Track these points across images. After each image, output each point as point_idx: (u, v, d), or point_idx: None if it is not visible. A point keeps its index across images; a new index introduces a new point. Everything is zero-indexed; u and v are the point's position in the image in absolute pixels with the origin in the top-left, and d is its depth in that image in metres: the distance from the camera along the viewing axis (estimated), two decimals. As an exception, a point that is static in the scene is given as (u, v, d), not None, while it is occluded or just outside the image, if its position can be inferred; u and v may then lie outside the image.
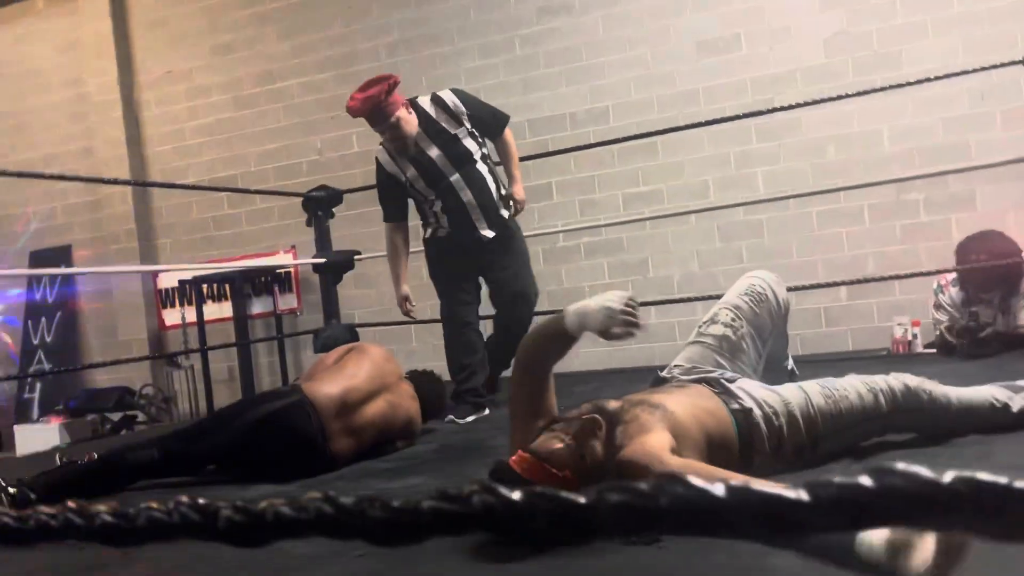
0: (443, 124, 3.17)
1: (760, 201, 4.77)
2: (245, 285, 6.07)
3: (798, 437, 1.70)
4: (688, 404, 1.64)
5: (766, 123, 4.82)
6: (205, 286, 6.19)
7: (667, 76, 5.20)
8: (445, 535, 0.40)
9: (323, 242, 4.05)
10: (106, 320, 6.64)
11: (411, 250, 3.67)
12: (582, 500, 0.38)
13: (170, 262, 6.43)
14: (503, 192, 3.31)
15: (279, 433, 2.19)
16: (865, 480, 0.32)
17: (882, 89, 3.92)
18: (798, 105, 3.96)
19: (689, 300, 4.51)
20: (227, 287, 6.17)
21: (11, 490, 2.02)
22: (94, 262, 6.60)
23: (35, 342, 6.77)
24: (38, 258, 6.79)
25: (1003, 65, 3.36)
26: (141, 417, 6.10)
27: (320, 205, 3.96)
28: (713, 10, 5.11)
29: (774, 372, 2.07)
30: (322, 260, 3.96)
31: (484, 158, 3.27)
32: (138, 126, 6.57)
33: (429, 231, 3.42)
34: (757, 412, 1.68)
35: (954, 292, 3.54)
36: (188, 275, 6.14)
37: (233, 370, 6.21)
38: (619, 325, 1.62)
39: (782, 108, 4.16)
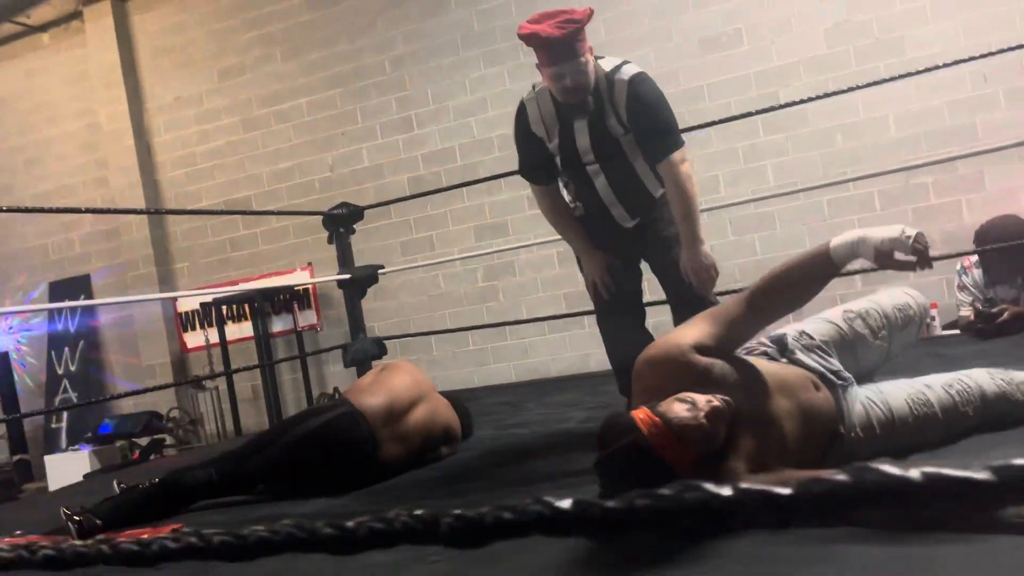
0: (604, 105, 2.45)
1: (771, 196, 4.82)
2: (265, 304, 6.14)
3: (876, 444, 1.70)
4: (798, 413, 1.61)
5: (773, 116, 4.84)
6: (225, 307, 6.27)
7: (671, 74, 5.25)
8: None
9: (346, 258, 4.11)
10: (129, 346, 6.72)
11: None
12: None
13: (188, 285, 6.51)
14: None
15: (331, 443, 2.24)
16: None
17: (888, 80, 3.96)
18: (804, 100, 4.01)
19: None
20: (247, 307, 6.24)
21: (77, 518, 2.09)
22: (113, 290, 6.68)
23: (59, 371, 6.85)
24: (58, 288, 6.88)
25: (1008, 49, 3.40)
26: (169, 440, 6.17)
27: (341, 222, 4.03)
28: (714, 6, 5.17)
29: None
30: (347, 276, 4.02)
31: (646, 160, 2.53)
32: (150, 153, 6.65)
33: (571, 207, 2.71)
34: (857, 426, 1.71)
35: (977, 274, 3.61)
36: (208, 297, 6.21)
37: (257, 389, 6.29)
38: (907, 250, 1.59)
39: (788, 104, 4.17)
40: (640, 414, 1.47)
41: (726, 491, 0.43)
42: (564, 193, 2.67)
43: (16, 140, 7.08)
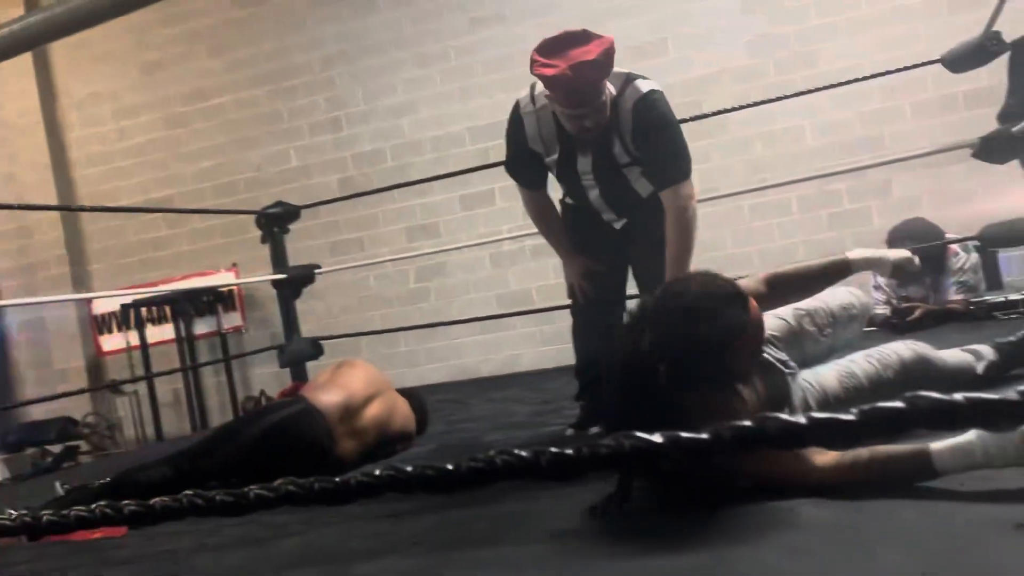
0: (610, 146, 2.33)
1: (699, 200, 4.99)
2: (187, 306, 5.99)
3: None
4: (763, 390, 1.77)
5: (696, 123, 5.04)
6: (145, 309, 6.08)
7: (600, 81, 5.39)
8: None
9: (279, 258, 4.06)
10: (39, 349, 6.44)
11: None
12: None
13: (105, 287, 6.28)
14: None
15: (289, 439, 2.24)
16: None
17: (804, 93, 4.15)
18: (731, 109, 4.18)
19: (634, 297, 4.70)
20: (168, 309, 6.08)
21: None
22: (22, 292, 6.39)
23: (-38, 377, 6.50)
24: (-39, 290, 6.53)
25: (915, 66, 3.64)
26: (85, 447, 5.94)
27: (277, 221, 3.98)
28: (641, 16, 5.33)
29: None
30: (283, 276, 3.98)
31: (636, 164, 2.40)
32: (63, 149, 6.40)
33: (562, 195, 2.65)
34: (798, 408, 1.85)
35: (891, 273, 3.86)
36: (128, 299, 6.02)
37: (179, 393, 6.12)
38: (915, 269, 2.04)
39: (714, 113, 4.35)
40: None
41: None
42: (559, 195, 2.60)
43: (-87, 133, 6.70)
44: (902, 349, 2.02)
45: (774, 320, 2.02)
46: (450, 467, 0.71)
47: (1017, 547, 1.02)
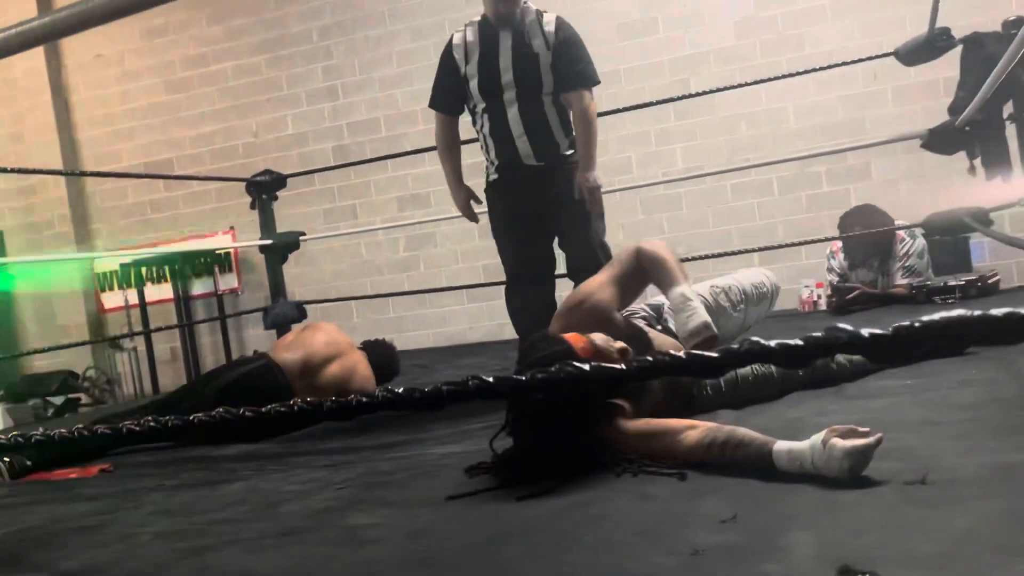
0: (532, 34, 2.77)
1: (679, 180, 5.11)
2: (185, 267, 6.18)
3: (723, 400, 2.02)
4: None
5: (683, 102, 5.15)
6: (145, 269, 6.27)
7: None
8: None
9: (268, 224, 4.22)
10: (43, 305, 6.65)
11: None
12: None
13: (106, 246, 6.47)
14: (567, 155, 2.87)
15: (249, 393, 2.39)
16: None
17: (790, 75, 4.24)
18: (717, 90, 4.25)
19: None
20: (167, 269, 6.26)
21: (6, 459, 2.20)
22: (28, 249, 6.59)
23: (-31, 330, 6.73)
24: (-32, 245, 6.74)
25: (877, 56, 3.74)
26: (85, 400, 6.17)
27: (264, 188, 4.14)
28: (632, -5, 5.41)
29: None
30: (269, 242, 4.14)
31: (555, 92, 2.82)
32: (68, 110, 6.56)
33: (486, 174, 3.02)
34: (708, 385, 2.00)
35: (841, 257, 4.00)
36: (128, 258, 6.21)
37: (176, 351, 6.33)
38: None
39: (701, 93, 4.41)
40: (570, 336, 1.72)
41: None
42: (480, 138, 2.95)
43: (-76, 91, 6.87)
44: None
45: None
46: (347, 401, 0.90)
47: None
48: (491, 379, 1.03)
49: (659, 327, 2.12)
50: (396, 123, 5.86)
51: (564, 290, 2.96)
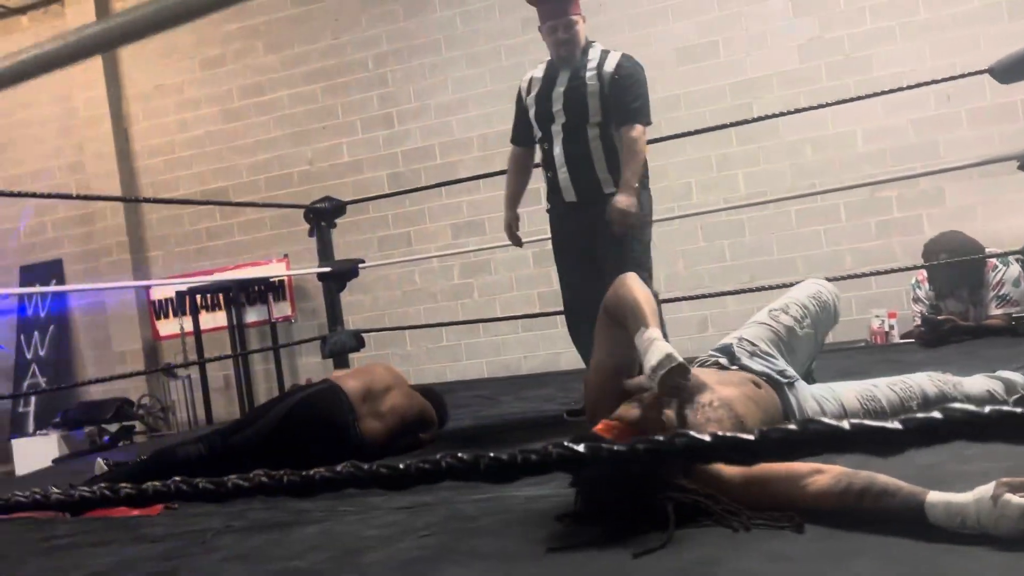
0: (589, 69, 2.84)
1: (742, 206, 4.97)
2: (240, 295, 6.18)
3: None
4: (752, 406, 1.73)
5: (746, 127, 5.02)
6: (200, 296, 6.29)
7: (648, 83, 5.37)
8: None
9: (326, 252, 4.18)
10: (100, 332, 6.71)
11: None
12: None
13: (162, 273, 6.51)
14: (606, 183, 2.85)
15: (313, 415, 2.37)
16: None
17: (857, 99, 4.10)
18: (779, 115, 4.14)
19: (675, 300, 4.70)
20: (221, 297, 6.27)
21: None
22: (85, 276, 6.66)
23: (28, 356, 6.81)
24: (29, 272, 6.83)
25: (972, 74, 3.57)
26: (139, 428, 6.17)
27: (323, 216, 4.09)
28: (692, 18, 5.31)
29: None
30: (328, 269, 4.09)
31: (603, 127, 2.84)
32: (127, 140, 6.64)
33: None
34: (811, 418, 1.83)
35: (927, 287, 3.80)
36: (183, 286, 6.23)
37: (229, 379, 6.32)
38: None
39: (765, 117, 4.32)
40: (600, 427, 1.59)
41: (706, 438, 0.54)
42: (539, 158, 3.03)
43: (-9, 122, 7.03)
44: (926, 383, 1.99)
45: (757, 328, 2.04)
46: (401, 467, 0.76)
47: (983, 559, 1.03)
48: (580, 448, 0.87)
49: (735, 367, 1.96)
50: (451, 150, 5.82)
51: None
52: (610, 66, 2.85)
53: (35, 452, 5.92)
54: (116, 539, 1.83)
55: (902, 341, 4.38)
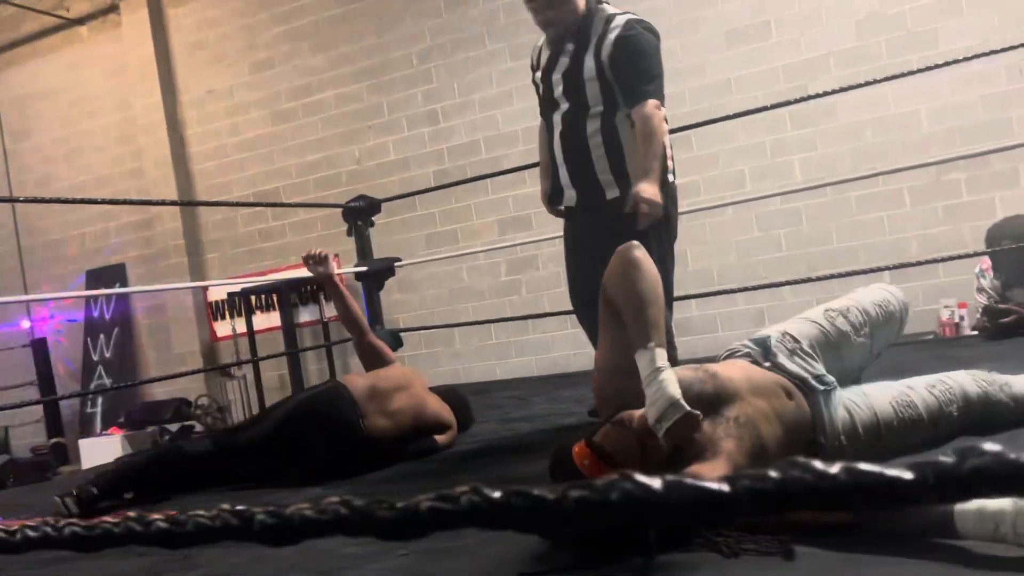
0: (588, 49, 2.49)
1: (798, 191, 4.73)
2: (292, 295, 6.22)
3: (861, 450, 1.65)
4: (776, 427, 1.57)
5: (801, 110, 4.77)
6: (253, 297, 6.36)
7: (698, 68, 5.19)
8: (441, 530, 0.44)
9: (364, 251, 4.14)
10: (160, 334, 6.86)
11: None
12: (550, 496, 0.42)
13: (218, 275, 6.61)
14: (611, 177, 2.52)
15: (318, 412, 2.36)
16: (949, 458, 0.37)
17: (920, 71, 3.85)
18: (833, 92, 3.92)
19: (729, 292, 4.51)
20: (275, 297, 6.32)
21: (73, 491, 2.18)
22: (147, 279, 6.82)
23: (95, 358, 7.02)
24: (94, 276, 7.04)
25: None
26: (198, 427, 6.28)
27: (359, 215, 4.05)
28: (741, -1, 5.09)
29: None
30: (363, 268, 4.05)
31: (604, 118, 2.51)
32: (183, 145, 6.77)
33: None
34: (841, 432, 1.66)
35: (991, 276, 3.52)
36: (237, 287, 6.31)
37: (284, 378, 6.37)
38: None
39: (816, 96, 4.10)
40: (577, 447, 1.49)
41: (656, 484, 0.42)
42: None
43: (58, 132, 7.26)
44: (968, 383, 1.79)
45: (806, 325, 1.84)
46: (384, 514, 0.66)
47: None
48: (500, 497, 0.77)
49: (767, 363, 1.79)
50: (496, 144, 5.73)
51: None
52: (610, 40, 2.45)
53: (101, 452, 6.08)
54: (105, 552, 1.79)
55: (973, 333, 4.10)
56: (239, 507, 0.52)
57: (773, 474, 0.42)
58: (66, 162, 7.22)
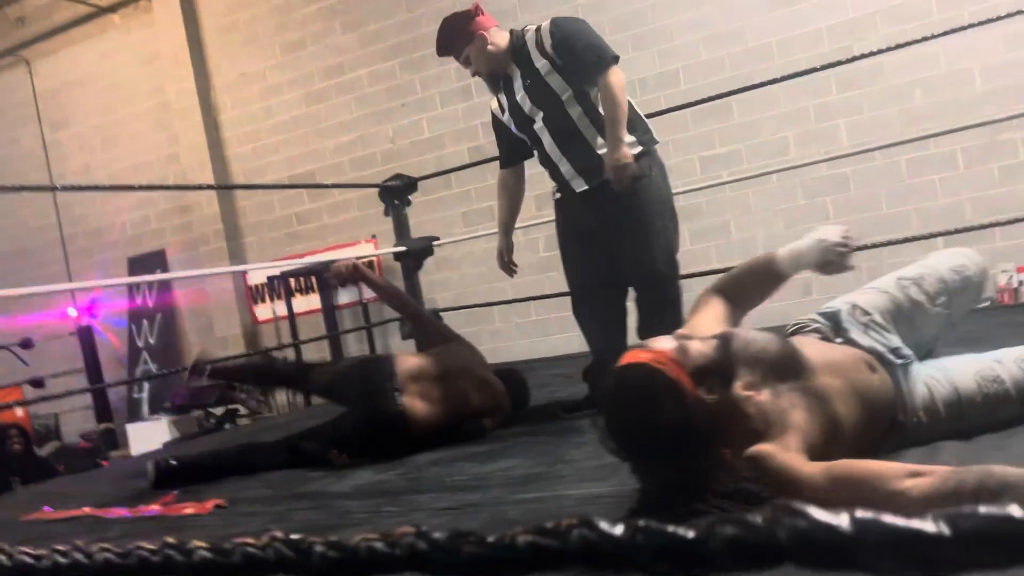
0: (533, 56, 2.67)
1: (844, 156, 4.58)
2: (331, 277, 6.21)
3: (942, 428, 1.58)
4: (856, 404, 1.49)
5: (845, 72, 4.60)
6: (293, 280, 6.37)
7: (738, 32, 5.04)
8: (543, 572, 0.38)
9: (401, 230, 4.10)
10: (202, 319, 6.91)
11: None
12: (691, 534, 0.35)
13: (257, 259, 6.63)
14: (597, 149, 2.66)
15: (358, 374, 2.56)
16: (1016, 511, 0.29)
17: (972, 26, 3.67)
18: (880, 51, 3.75)
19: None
20: (314, 280, 6.33)
21: (149, 466, 2.40)
22: (187, 264, 6.87)
23: (140, 344, 7.10)
24: (136, 263, 7.10)
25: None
26: (242, 411, 6.33)
27: (396, 194, 4.01)
28: (783, -42, 4.91)
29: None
30: (401, 248, 4.01)
31: (579, 98, 2.66)
32: (217, 129, 6.77)
33: (552, 193, 3.00)
34: (920, 409, 1.58)
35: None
36: (276, 271, 6.32)
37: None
38: (835, 257, 1.65)
39: (862, 56, 3.93)
40: (642, 355, 1.45)
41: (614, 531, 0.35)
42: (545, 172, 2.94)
43: (96, 120, 7.31)
44: None
45: (877, 296, 1.74)
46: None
47: None
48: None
49: (839, 339, 1.70)
50: (531, 118, 5.63)
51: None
52: (546, 39, 2.66)
53: (148, 436, 6.17)
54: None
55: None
56: (294, 536, 0.46)
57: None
58: (103, 150, 7.28)
